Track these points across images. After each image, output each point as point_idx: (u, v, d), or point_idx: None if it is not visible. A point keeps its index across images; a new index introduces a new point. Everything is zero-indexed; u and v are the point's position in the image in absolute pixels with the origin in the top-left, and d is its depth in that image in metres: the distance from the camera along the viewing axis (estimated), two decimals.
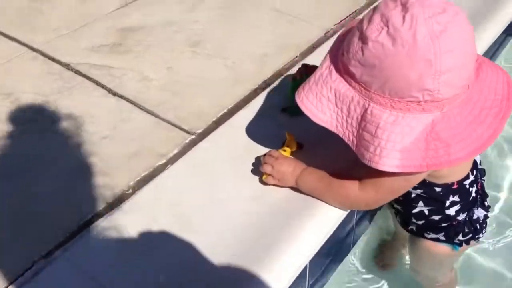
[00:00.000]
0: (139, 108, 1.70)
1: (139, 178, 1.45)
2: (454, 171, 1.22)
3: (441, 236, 1.36)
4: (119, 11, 2.21)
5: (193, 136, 1.59)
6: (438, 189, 1.23)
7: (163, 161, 1.51)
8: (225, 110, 1.68)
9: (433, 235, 1.37)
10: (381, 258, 1.82)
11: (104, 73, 1.86)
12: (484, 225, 1.38)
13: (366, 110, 1.05)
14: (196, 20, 2.14)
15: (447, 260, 1.48)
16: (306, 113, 1.14)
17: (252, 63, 1.88)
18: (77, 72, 1.86)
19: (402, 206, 1.36)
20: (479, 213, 1.35)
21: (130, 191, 1.42)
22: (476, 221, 1.35)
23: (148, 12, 2.20)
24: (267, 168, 1.32)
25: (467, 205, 1.30)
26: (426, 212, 1.30)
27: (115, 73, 1.85)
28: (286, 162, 1.32)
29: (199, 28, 2.09)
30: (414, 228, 1.40)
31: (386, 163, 1.04)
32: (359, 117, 1.07)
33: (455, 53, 0.97)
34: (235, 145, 1.53)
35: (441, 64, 0.96)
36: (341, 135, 1.11)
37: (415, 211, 1.31)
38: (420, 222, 1.35)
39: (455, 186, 1.24)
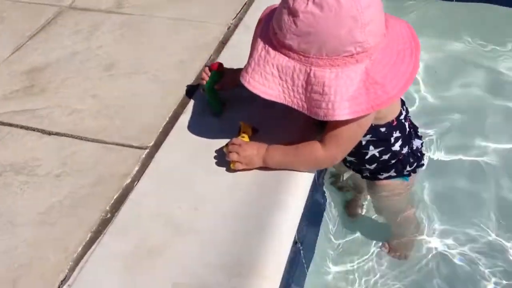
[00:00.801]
0: (81, 139, 1.71)
1: (112, 201, 1.48)
2: (391, 110, 1.45)
3: (392, 173, 1.59)
4: (15, 55, 2.15)
5: (147, 150, 1.65)
6: (382, 129, 1.45)
7: (129, 180, 1.55)
8: (167, 119, 1.75)
9: (385, 175, 1.59)
10: (349, 209, 2.04)
11: (29, 116, 1.82)
12: (423, 153, 1.63)
13: (308, 74, 1.22)
14: (99, 46, 2.16)
15: (402, 193, 1.70)
16: (255, 92, 1.29)
17: (173, 72, 1.96)
18: (1, 123, 1.80)
19: (356, 156, 1.55)
20: (416, 143, 1.60)
21: (109, 215, 1.45)
22: (416, 151, 1.60)
23: (46, 50, 2.17)
24: (233, 156, 1.43)
25: (406, 138, 1.54)
26: (377, 154, 1.51)
27: (41, 114, 1.82)
28: (249, 146, 1.44)
29: (105, 52, 2.12)
30: (368, 173, 1.62)
31: (339, 113, 1.22)
32: (304, 83, 1.24)
33: (373, 6, 1.19)
34: (191, 146, 1.61)
35: (364, 18, 1.17)
36: (290, 105, 1.27)
37: (367, 157, 1.52)
38: (373, 166, 1.56)
39: (395, 123, 1.47)
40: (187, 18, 2.27)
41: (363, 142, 1.47)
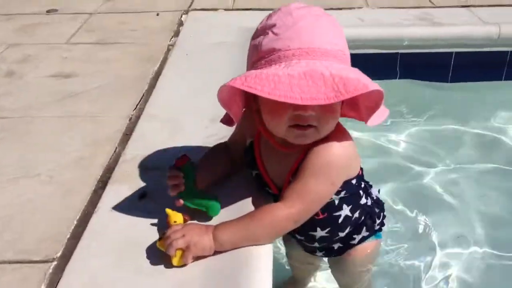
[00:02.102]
0: None
1: None
2: (359, 159, 1.30)
3: (364, 232, 1.40)
4: None
5: (55, 263, 1.30)
6: (354, 181, 1.28)
7: None
8: (75, 222, 1.43)
9: (358, 237, 1.40)
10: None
11: None
12: (382, 202, 1.49)
13: None
14: None
15: (376, 254, 1.52)
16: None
17: (72, 170, 1.67)
18: None
19: (328, 226, 1.33)
20: (374, 191, 1.46)
21: None
22: (377, 199, 1.45)
23: None
24: (178, 243, 1.15)
25: (366, 188, 1.40)
26: (350, 214, 1.32)
27: None
28: (193, 229, 1.18)
29: None
30: (340, 243, 1.41)
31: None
32: None
33: None
34: (112, 247, 1.30)
35: None
36: None
37: (340, 220, 1.32)
38: (346, 231, 1.36)
39: (361, 173, 1.33)
40: (79, 114, 2.02)
41: (336, 202, 1.29)
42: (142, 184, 1.52)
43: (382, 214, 1.46)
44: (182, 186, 1.26)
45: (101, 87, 2.21)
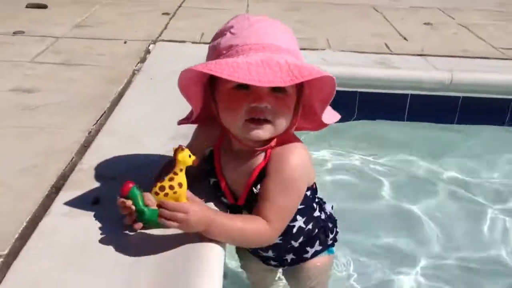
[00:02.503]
0: None
1: None
2: (313, 171, 1.34)
3: (317, 246, 1.43)
4: None
5: (1, 259, 1.25)
6: (308, 193, 1.31)
7: None
8: (25, 224, 1.40)
9: (311, 250, 1.42)
10: None
11: None
12: (335, 218, 1.52)
13: None
14: None
15: (329, 269, 1.53)
16: None
17: (26, 177, 1.64)
18: None
19: (282, 236, 1.32)
20: (327, 207, 1.49)
21: None
22: (331, 214, 1.48)
23: None
24: (171, 224, 1.13)
25: (320, 202, 1.43)
26: (303, 225, 1.35)
27: None
28: (195, 217, 1.14)
29: None
30: (293, 255, 1.42)
31: None
32: None
33: None
34: (60, 250, 1.27)
35: None
36: None
37: (294, 230, 1.34)
38: (299, 241, 1.38)
39: (315, 187, 1.36)
40: (37, 126, 1.99)
41: None
42: (96, 191, 1.51)
43: (335, 229, 1.49)
44: (133, 213, 1.23)
45: (62, 103, 2.20)
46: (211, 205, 1.38)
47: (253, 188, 1.26)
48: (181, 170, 1.16)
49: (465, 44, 3.50)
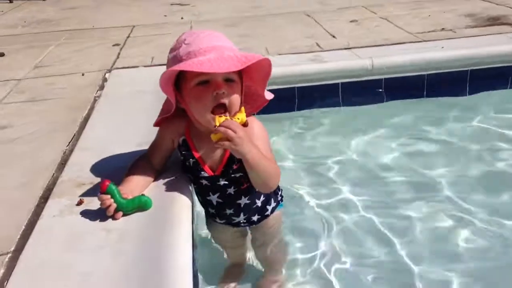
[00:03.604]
0: None
1: None
2: None
3: (273, 203, 1.83)
4: None
5: (10, 254, 1.55)
6: None
7: None
8: (24, 227, 1.70)
9: (270, 207, 1.82)
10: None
11: None
12: None
13: None
14: None
15: (281, 220, 1.93)
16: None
17: (17, 192, 1.94)
18: None
19: (249, 195, 1.73)
20: None
21: None
22: None
23: None
24: (229, 133, 1.46)
25: None
26: None
27: None
28: (247, 137, 1.51)
29: None
30: (258, 214, 1.80)
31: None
32: None
33: None
34: (56, 241, 1.56)
35: None
36: None
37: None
38: (261, 199, 1.77)
39: None
40: (17, 153, 2.29)
41: None
42: (78, 195, 1.78)
43: (279, 187, 1.87)
44: (113, 204, 1.57)
45: (35, 132, 2.49)
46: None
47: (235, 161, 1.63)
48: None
49: (385, 33, 3.98)
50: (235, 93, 1.55)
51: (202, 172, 1.68)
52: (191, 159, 1.69)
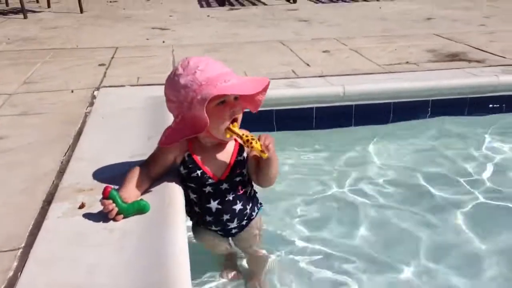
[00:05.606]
0: None
1: None
2: None
3: (255, 209, 2.08)
4: None
5: (21, 250, 1.72)
6: None
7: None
8: (31, 226, 1.87)
9: (254, 213, 2.07)
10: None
11: None
12: None
13: None
14: None
15: (261, 223, 2.16)
16: None
17: (21, 197, 2.11)
18: None
19: (242, 201, 1.98)
20: None
21: None
22: None
23: None
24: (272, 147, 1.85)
25: None
26: (250, 189, 2.04)
27: None
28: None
29: None
30: (246, 218, 2.03)
31: None
32: None
33: None
34: (62, 238, 1.74)
35: None
36: None
37: (247, 194, 2.02)
38: (250, 205, 2.03)
39: None
40: (17, 162, 2.44)
41: (247, 179, 2.01)
42: (79, 199, 1.96)
43: (255, 191, 2.12)
44: (115, 209, 1.77)
45: (32, 143, 2.65)
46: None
47: (237, 158, 1.93)
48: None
49: (355, 64, 4.32)
50: (242, 108, 1.86)
51: (209, 180, 1.92)
52: (198, 171, 1.92)
